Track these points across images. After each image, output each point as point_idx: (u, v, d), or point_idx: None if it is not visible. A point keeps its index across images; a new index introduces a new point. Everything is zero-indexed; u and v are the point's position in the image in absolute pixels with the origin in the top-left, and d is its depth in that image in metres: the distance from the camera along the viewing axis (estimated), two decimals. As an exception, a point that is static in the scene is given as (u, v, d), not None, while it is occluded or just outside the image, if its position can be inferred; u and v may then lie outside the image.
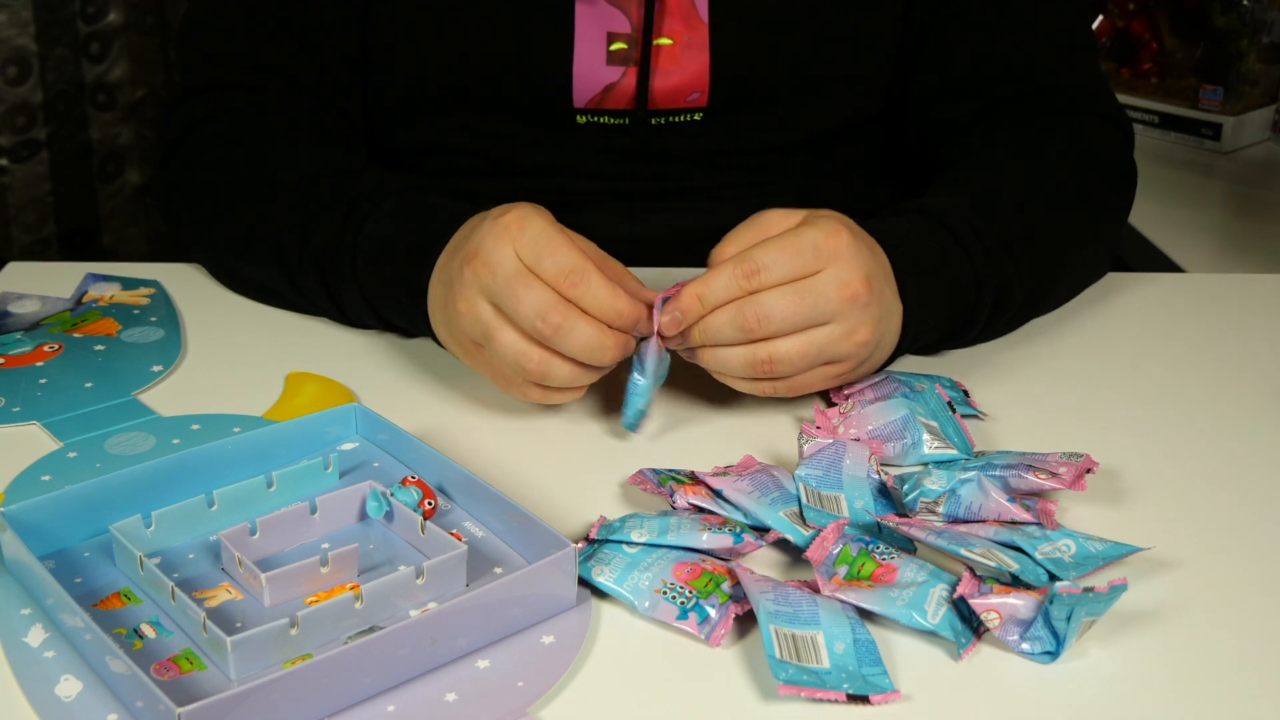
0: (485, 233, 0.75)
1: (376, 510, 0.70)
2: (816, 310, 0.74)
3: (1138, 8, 1.68)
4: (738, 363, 0.75)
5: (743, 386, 0.78)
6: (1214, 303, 1.01)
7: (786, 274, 0.74)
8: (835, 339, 0.75)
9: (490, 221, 0.76)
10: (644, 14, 0.97)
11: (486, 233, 0.75)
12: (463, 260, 0.76)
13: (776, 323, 0.74)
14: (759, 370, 0.75)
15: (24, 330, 0.92)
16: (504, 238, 0.74)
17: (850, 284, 0.75)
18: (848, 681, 0.60)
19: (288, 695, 0.56)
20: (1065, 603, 0.61)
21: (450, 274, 0.78)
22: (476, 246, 0.76)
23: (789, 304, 0.74)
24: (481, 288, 0.75)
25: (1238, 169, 1.60)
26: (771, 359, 0.75)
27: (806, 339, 0.75)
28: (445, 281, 0.79)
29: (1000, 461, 0.75)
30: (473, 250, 0.76)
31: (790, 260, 0.74)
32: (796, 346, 0.75)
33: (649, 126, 1.01)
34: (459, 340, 0.79)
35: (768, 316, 0.74)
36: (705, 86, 1.00)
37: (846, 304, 0.75)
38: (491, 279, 0.74)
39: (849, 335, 0.76)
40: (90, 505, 0.68)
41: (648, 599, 0.65)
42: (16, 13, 1.73)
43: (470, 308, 0.76)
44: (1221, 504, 0.75)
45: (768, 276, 0.74)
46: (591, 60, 0.98)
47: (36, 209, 1.84)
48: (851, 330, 0.76)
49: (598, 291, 0.73)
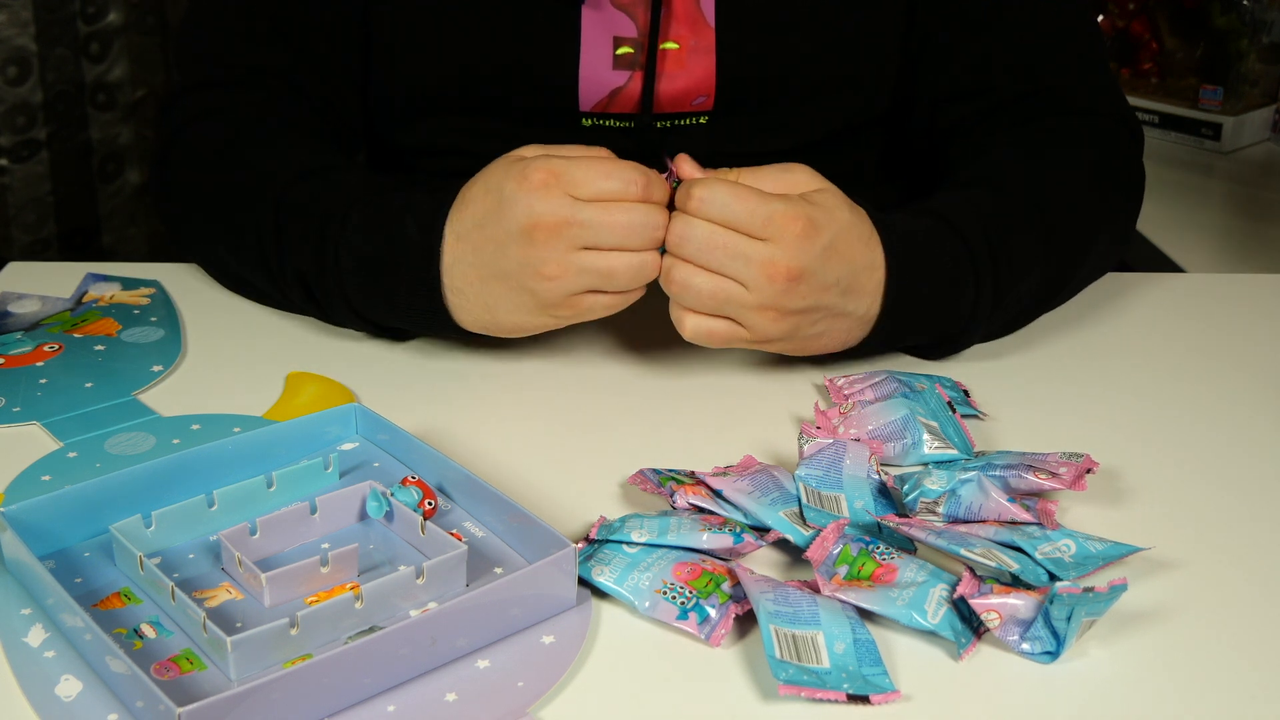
0: (525, 199, 0.78)
1: (376, 510, 0.70)
2: (730, 256, 0.77)
3: (1138, 8, 1.68)
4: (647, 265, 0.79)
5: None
6: (1214, 303, 1.01)
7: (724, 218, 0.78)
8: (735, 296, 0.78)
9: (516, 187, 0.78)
10: (650, 18, 0.97)
11: (527, 198, 0.78)
12: (522, 239, 0.78)
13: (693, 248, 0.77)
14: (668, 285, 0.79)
15: (24, 330, 0.92)
16: (551, 194, 0.77)
17: (774, 265, 0.77)
18: (848, 681, 0.60)
19: (288, 695, 0.56)
20: (1065, 603, 0.61)
21: (511, 260, 0.79)
22: (526, 217, 0.77)
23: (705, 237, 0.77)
24: (566, 246, 0.77)
25: (1238, 169, 1.60)
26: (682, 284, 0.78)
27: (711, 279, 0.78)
28: (505, 273, 0.80)
29: (1000, 461, 0.75)
30: (526, 224, 0.77)
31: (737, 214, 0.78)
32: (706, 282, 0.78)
33: (654, 130, 1.01)
34: (558, 304, 0.80)
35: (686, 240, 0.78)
36: (711, 90, 1.00)
37: (763, 277, 0.77)
38: (569, 232, 0.77)
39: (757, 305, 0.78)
40: (90, 505, 0.68)
41: (648, 599, 0.65)
42: (16, 13, 1.73)
43: (566, 267, 0.78)
44: (1221, 504, 0.75)
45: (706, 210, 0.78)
46: (598, 64, 0.98)
47: (36, 209, 1.84)
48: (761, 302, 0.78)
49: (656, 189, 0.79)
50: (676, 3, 0.97)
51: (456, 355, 0.89)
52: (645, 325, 0.93)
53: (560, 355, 0.90)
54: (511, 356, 0.90)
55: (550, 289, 0.79)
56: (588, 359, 0.90)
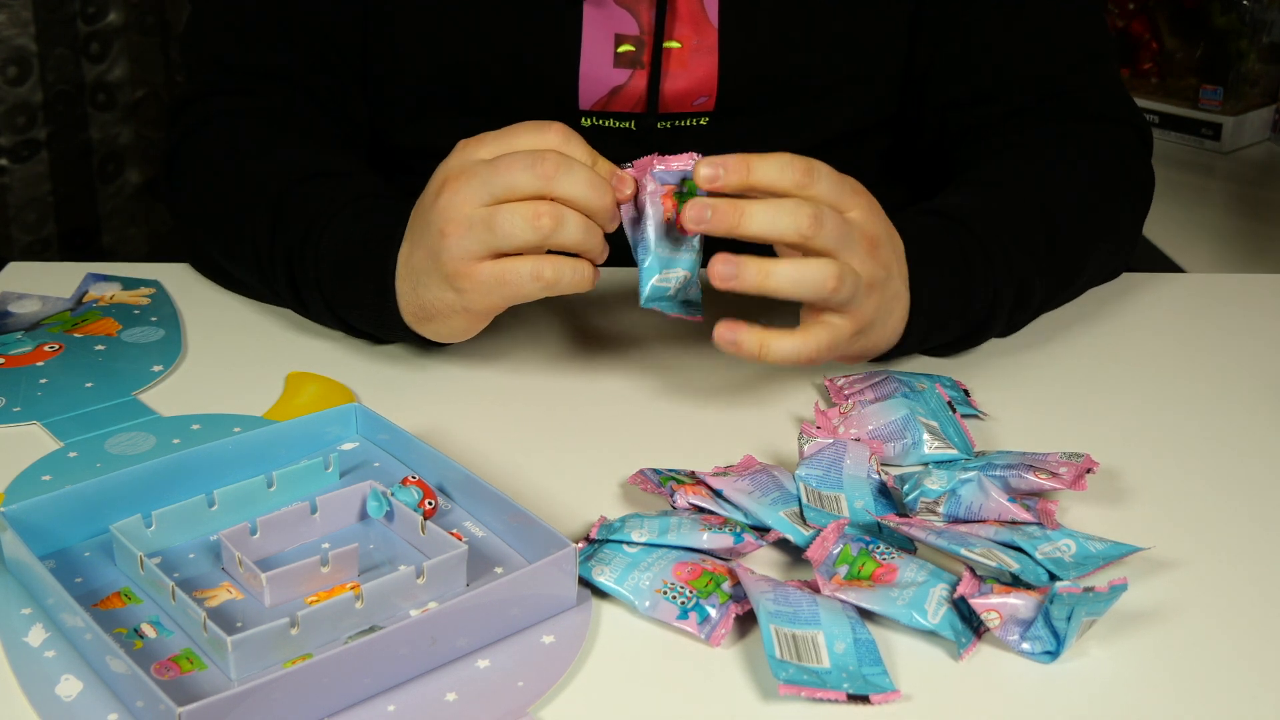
0: (444, 165, 0.78)
1: (377, 510, 0.70)
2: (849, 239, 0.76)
3: (1138, 8, 1.68)
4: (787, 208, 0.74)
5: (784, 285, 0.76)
6: (1214, 303, 1.01)
7: (827, 192, 0.76)
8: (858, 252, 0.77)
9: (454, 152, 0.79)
10: (654, 17, 0.97)
11: (445, 164, 0.78)
12: (432, 199, 0.78)
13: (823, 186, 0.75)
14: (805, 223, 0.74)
15: (24, 330, 0.92)
16: (464, 153, 0.78)
17: (873, 223, 0.78)
18: (848, 681, 0.60)
19: (288, 695, 0.56)
20: (1065, 603, 0.61)
21: (424, 223, 0.78)
22: (441, 177, 0.78)
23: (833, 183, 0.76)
24: (464, 198, 0.76)
25: (1238, 169, 1.60)
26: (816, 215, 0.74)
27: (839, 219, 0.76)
28: (420, 239, 0.79)
29: (1000, 461, 0.75)
30: (438, 184, 0.78)
31: (838, 183, 0.77)
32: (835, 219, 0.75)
33: (655, 131, 1.01)
34: (457, 272, 0.76)
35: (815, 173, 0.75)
36: (713, 90, 1.00)
37: (864, 241, 0.77)
38: (470, 180, 0.76)
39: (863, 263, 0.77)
40: (90, 505, 0.68)
41: (648, 599, 0.65)
42: (16, 13, 1.73)
43: (460, 222, 0.75)
44: (1221, 504, 0.75)
45: (817, 183, 0.75)
46: (599, 62, 0.98)
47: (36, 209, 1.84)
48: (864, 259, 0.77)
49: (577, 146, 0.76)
50: (680, 1, 0.97)
51: (457, 356, 0.89)
52: (646, 325, 0.93)
53: (561, 355, 0.90)
54: (512, 357, 0.90)
55: (449, 250, 0.76)
56: (588, 359, 0.90)
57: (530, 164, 0.74)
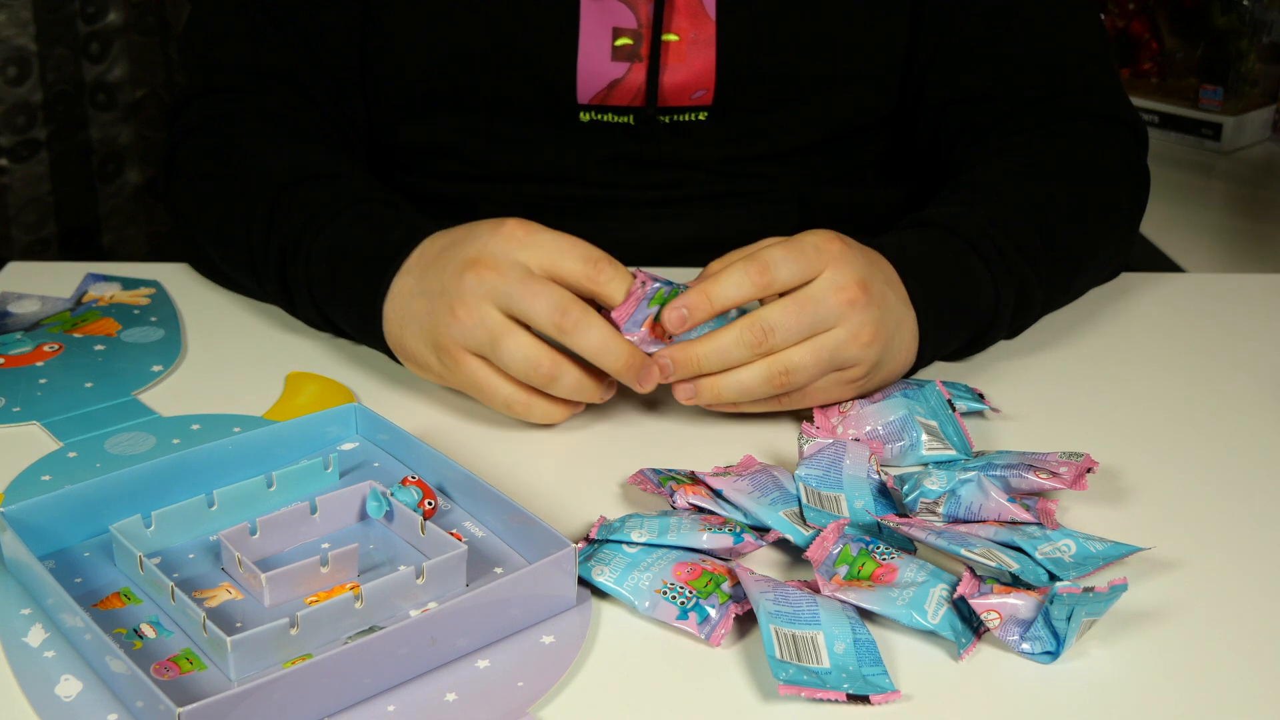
0: (489, 238, 0.77)
1: (376, 510, 0.70)
2: (818, 317, 0.76)
3: (1138, 8, 1.68)
4: (756, 379, 0.76)
5: (762, 407, 0.79)
6: (1214, 303, 1.01)
7: (792, 274, 0.76)
8: (842, 342, 0.76)
9: (490, 229, 0.77)
10: (653, 10, 0.97)
11: (490, 238, 0.76)
12: (461, 267, 0.77)
13: (782, 333, 0.75)
14: (776, 383, 0.76)
15: (24, 330, 0.92)
16: (511, 243, 0.76)
17: (846, 287, 0.76)
18: (848, 681, 0.60)
19: (288, 695, 0.56)
20: (1065, 603, 0.61)
21: (443, 283, 0.78)
22: (478, 253, 0.76)
23: (791, 313, 0.75)
24: (489, 292, 0.76)
25: (1238, 169, 1.60)
26: (787, 369, 0.76)
27: (815, 345, 0.76)
28: (431, 292, 0.78)
29: (1000, 461, 0.75)
30: (474, 257, 0.76)
31: (796, 258, 0.76)
32: (808, 353, 0.76)
33: (654, 124, 1.01)
34: (447, 349, 0.78)
35: (773, 328, 0.75)
36: (710, 84, 1.00)
37: (845, 307, 0.76)
38: (501, 281, 0.75)
39: (854, 338, 0.77)
40: (90, 505, 0.68)
41: (648, 599, 0.65)
42: (16, 13, 1.73)
43: (474, 314, 0.76)
44: (1221, 504, 0.75)
45: (777, 274, 0.75)
46: (597, 55, 0.98)
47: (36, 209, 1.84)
48: (855, 333, 0.77)
49: (617, 288, 0.76)
50: None
51: (456, 355, 0.89)
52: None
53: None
54: (511, 356, 0.90)
55: (450, 329, 0.77)
56: (588, 359, 0.90)
57: (553, 311, 0.75)
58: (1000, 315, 0.86)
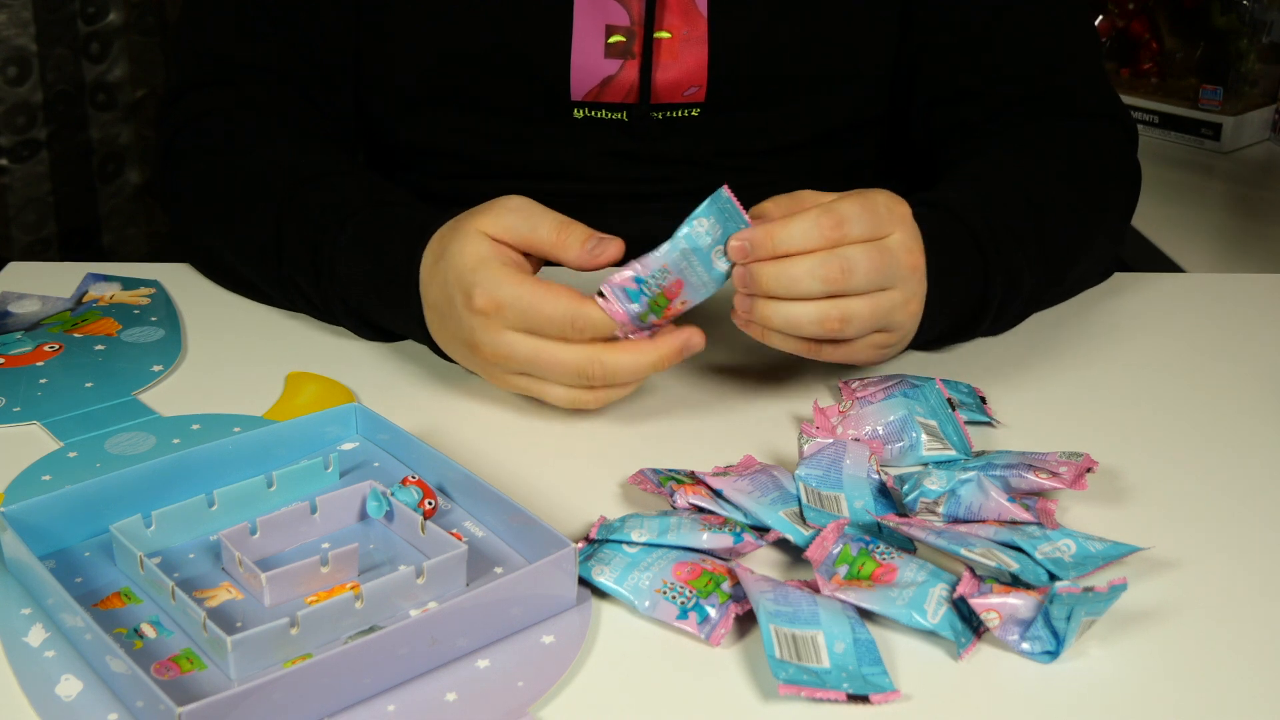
0: (475, 325, 0.77)
1: (377, 510, 0.70)
2: (890, 272, 0.75)
3: (1138, 8, 1.68)
4: (808, 319, 0.74)
5: (793, 347, 0.77)
6: (1214, 303, 1.01)
7: (866, 231, 0.74)
8: (897, 305, 0.76)
9: (467, 309, 0.76)
10: (645, 7, 0.97)
11: (475, 324, 0.77)
12: (465, 347, 0.78)
13: (859, 278, 0.74)
14: (828, 329, 0.74)
15: (24, 330, 0.92)
16: (493, 324, 0.76)
17: (914, 251, 0.76)
18: (848, 681, 0.60)
19: (288, 695, 0.56)
20: (1065, 602, 0.61)
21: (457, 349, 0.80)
22: (470, 337, 0.77)
23: (872, 261, 0.74)
24: (508, 370, 0.78)
25: (1238, 169, 1.60)
26: (844, 317, 0.74)
27: (876, 301, 0.75)
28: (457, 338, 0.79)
29: (1000, 461, 0.75)
30: (472, 342, 0.77)
31: (870, 217, 0.75)
32: (867, 307, 0.75)
33: (648, 121, 1.01)
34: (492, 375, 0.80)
35: (853, 270, 0.73)
36: (703, 81, 1.00)
37: (910, 271, 0.76)
38: (514, 363, 0.77)
39: (906, 304, 0.77)
40: (90, 505, 0.68)
41: (648, 599, 0.65)
42: (16, 13, 1.73)
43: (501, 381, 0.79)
44: (1221, 504, 0.75)
45: (850, 230, 0.74)
46: (590, 52, 0.98)
47: (36, 209, 1.84)
48: (908, 299, 0.77)
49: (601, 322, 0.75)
50: None
51: (456, 355, 0.89)
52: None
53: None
54: (511, 356, 0.90)
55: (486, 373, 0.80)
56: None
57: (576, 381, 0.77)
58: (987, 305, 0.86)
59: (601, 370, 0.76)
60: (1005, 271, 0.86)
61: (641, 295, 0.75)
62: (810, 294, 0.74)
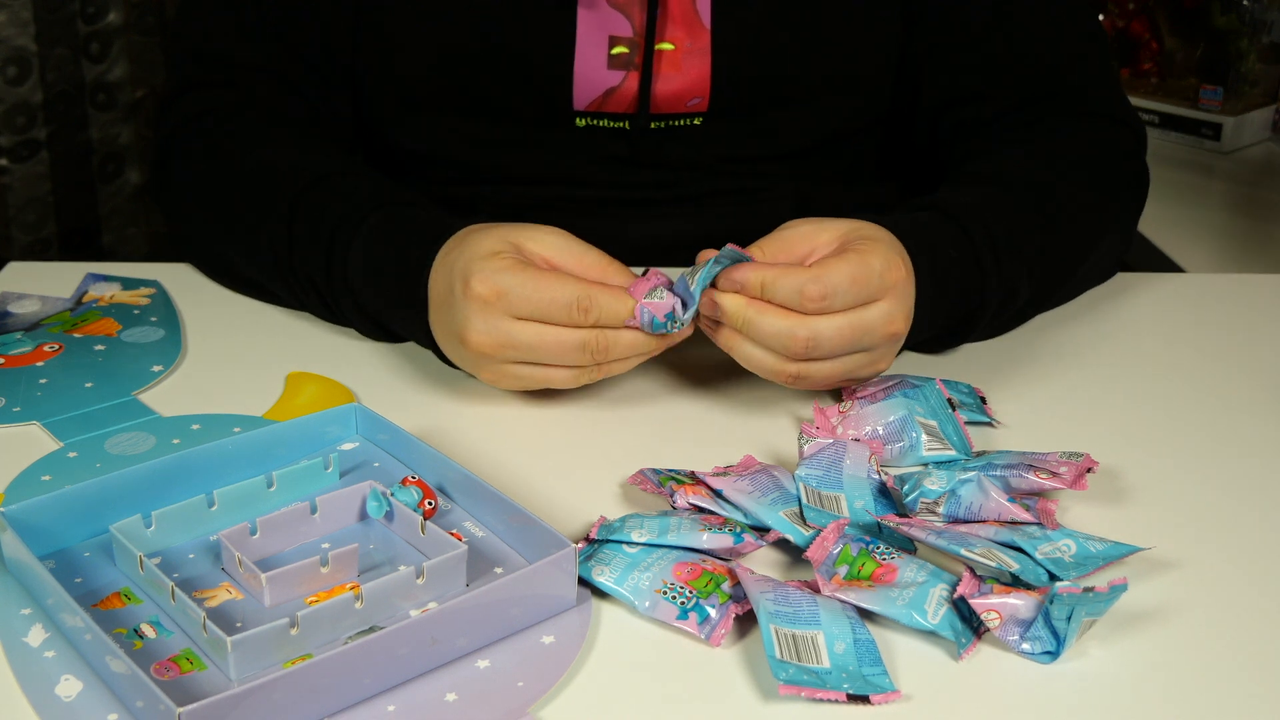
0: (469, 314, 0.77)
1: (377, 510, 0.70)
2: (859, 344, 0.77)
3: (1138, 8, 1.68)
4: (766, 366, 0.78)
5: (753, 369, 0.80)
6: (1214, 303, 1.01)
7: (849, 303, 0.76)
8: (862, 365, 0.79)
9: (465, 299, 0.77)
10: (646, 19, 0.97)
11: (470, 314, 0.77)
12: (461, 343, 0.78)
13: (822, 351, 0.76)
14: (782, 380, 0.78)
15: (24, 330, 0.92)
16: (492, 312, 0.76)
17: (896, 319, 0.78)
18: (848, 681, 0.60)
19: (288, 695, 0.56)
20: (1065, 603, 0.61)
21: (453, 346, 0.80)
22: (467, 328, 0.77)
23: (840, 337, 0.76)
24: (505, 360, 0.78)
25: (1238, 169, 1.60)
26: (799, 375, 0.78)
27: (838, 365, 0.78)
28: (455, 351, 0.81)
29: (1000, 461, 0.75)
30: (465, 332, 0.78)
31: (858, 290, 0.76)
32: (826, 369, 0.78)
33: (649, 132, 1.01)
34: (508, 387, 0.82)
35: (818, 346, 0.76)
36: (706, 92, 1.00)
37: (885, 338, 0.78)
38: (513, 352, 0.77)
39: (874, 364, 0.80)
40: (90, 505, 0.68)
41: (648, 599, 0.65)
42: (16, 13, 1.73)
43: (503, 374, 0.79)
44: (1221, 504, 0.75)
45: (833, 303, 0.75)
46: (593, 63, 0.98)
47: (36, 209, 1.84)
48: (877, 360, 0.80)
49: (608, 305, 0.76)
50: (672, 3, 0.97)
51: (456, 355, 0.89)
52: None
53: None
54: (511, 356, 0.90)
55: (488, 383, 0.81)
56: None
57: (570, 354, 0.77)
58: (984, 309, 0.86)
59: (605, 343, 0.77)
60: (1002, 280, 0.86)
61: (666, 326, 0.77)
62: (772, 350, 0.77)
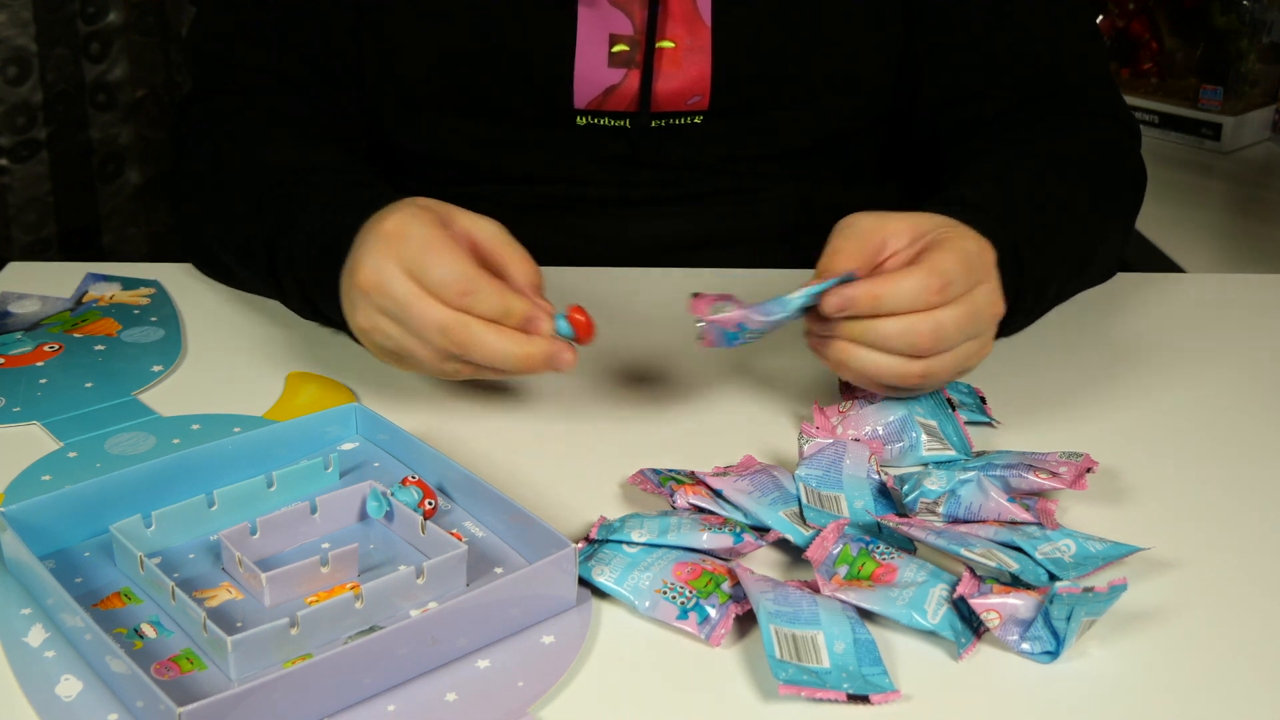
0: (367, 247, 0.75)
1: (377, 510, 0.70)
2: (976, 329, 0.75)
3: (1138, 8, 1.68)
4: (890, 372, 0.74)
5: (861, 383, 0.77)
6: (1214, 303, 1.01)
7: (963, 289, 0.74)
8: (973, 353, 0.76)
9: (371, 232, 0.75)
10: (647, 17, 0.97)
11: (368, 246, 0.75)
12: (349, 277, 0.76)
13: (948, 342, 0.73)
14: (907, 384, 0.75)
15: (24, 330, 0.92)
16: (386, 252, 0.74)
17: (997, 301, 0.76)
18: (848, 681, 0.60)
19: (288, 695, 0.56)
20: (1065, 603, 0.61)
21: (345, 289, 0.78)
22: (358, 262, 0.75)
23: (962, 324, 0.73)
24: (378, 308, 0.75)
25: (1238, 169, 1.60)
26: (926, 373, 0.74)
27: (956, 355, 0.75)
28: (345, 295, 0.78)
29: (1000, 461, 0.75)
30: (355, 265, 0.76)
31: (968, 275, 0.74)
32: (950, 362, 0.75)
33: (649, 131, 1.01)
34: (375, 350, 0.78)
35: (944, 336, 0.73)
36: (706, 90, 1.00)
37: (991, 320, 0.76)
38: (384, 299, 0.74)
39: (981, 350, 0.77)
40: (90, 505, 0.68)
41: (648, 599, 0.65)
42: (16, 13, 1.73)
43: (374, 326, 0.76)
44: (1221, 504, 0.75)
45: (952, 292, 0.73)
46: (593, 62, 0.98)
47: (36, 209, 1.84)
48: (984, 345, 0.77)
49: (489, 299, 0.72)
50: (673, 2, 0.97)
51: (456, 355, 0.89)
52: (646, 326, 0.93)
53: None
54: (511, 356, 0.90)
55: (369, 337, 0.77)
56: (588, 359, 0.90)
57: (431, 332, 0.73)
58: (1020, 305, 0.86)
59: (466, 337, 0.73)
60: (1035, 278, 0.86)
61: (738, 339, 0.75)
62: (897, 352, 0.73)
